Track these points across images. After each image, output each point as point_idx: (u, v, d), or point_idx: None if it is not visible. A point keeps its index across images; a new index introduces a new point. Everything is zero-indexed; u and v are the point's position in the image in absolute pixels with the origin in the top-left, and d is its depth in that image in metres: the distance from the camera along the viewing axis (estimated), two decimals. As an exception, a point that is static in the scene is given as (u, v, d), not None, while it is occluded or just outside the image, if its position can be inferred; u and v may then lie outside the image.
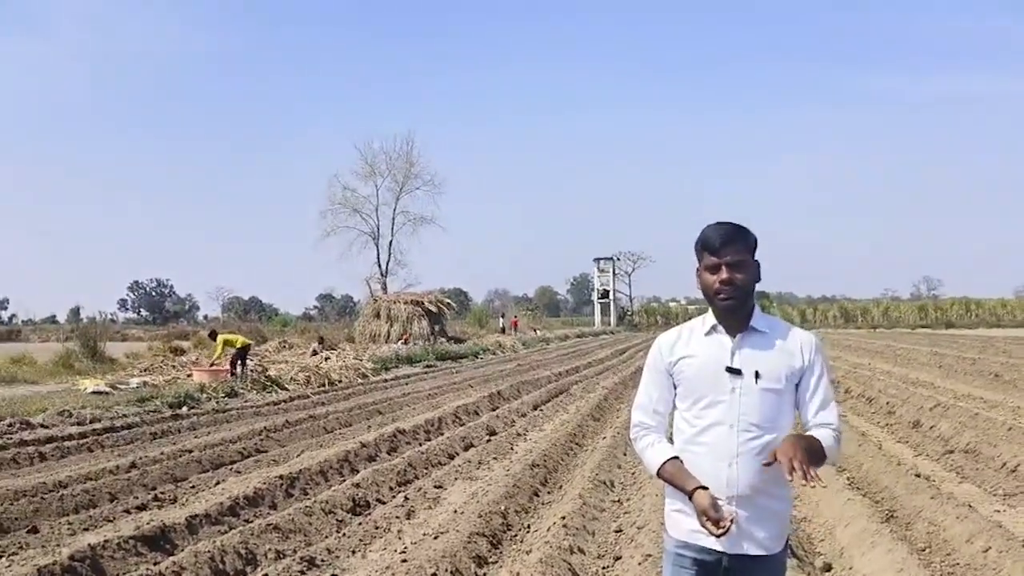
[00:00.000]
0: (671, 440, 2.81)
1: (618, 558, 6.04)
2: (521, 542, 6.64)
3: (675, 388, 2.81)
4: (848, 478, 8.19)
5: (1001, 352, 26.60)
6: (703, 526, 2.60)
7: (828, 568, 5.84)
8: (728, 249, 2.69)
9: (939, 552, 5.92)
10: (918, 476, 7.83)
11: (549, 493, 8.39)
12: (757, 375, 2.66)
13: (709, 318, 2.79)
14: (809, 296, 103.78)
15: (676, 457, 2.73)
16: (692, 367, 2.75)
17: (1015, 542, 5.52)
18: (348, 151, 69.42)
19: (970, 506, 6.64)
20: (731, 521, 2.56)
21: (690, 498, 2.64)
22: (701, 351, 2.76)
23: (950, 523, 6.32)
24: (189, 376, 20.70)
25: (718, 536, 2.57)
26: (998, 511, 6.96)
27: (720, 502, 2.61)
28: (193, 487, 8.45)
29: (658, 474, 2.76)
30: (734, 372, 2.68)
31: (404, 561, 5.89)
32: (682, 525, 2.75)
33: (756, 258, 2.77)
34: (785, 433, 2.65)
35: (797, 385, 2.71)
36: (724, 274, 2.68)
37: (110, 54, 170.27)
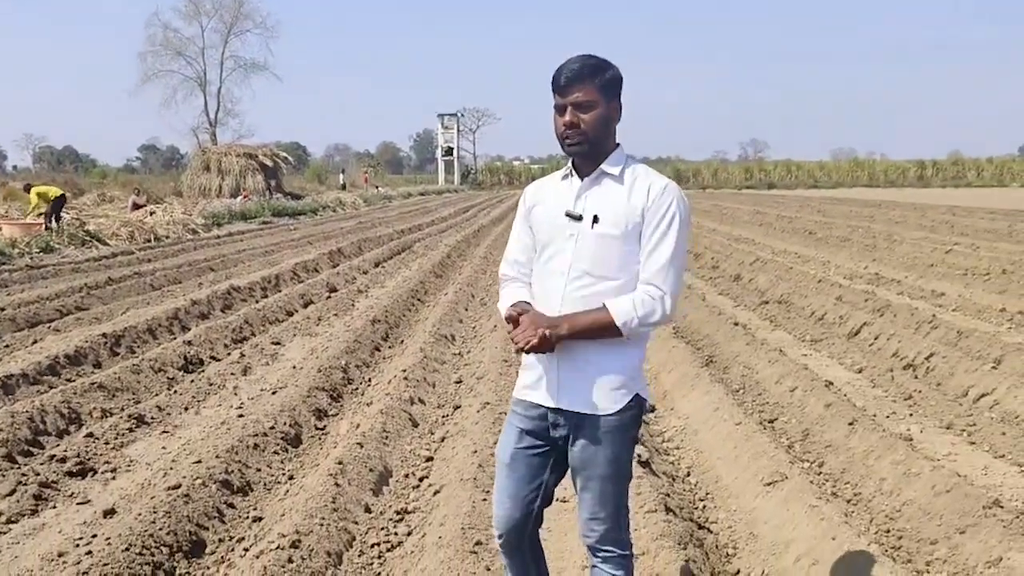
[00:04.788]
0: None
1: (457, 407, 6.18)
2: (362, 395, 6.66)
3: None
4: (674, 327, 8.66)
5: (816, 211, 28.56)
6: (511, 337, 2.50)
7: (652, 409, 6.22)
8: (574, 88, 2.44)
9: (751, 392, 6.43)
10: (736, 325, 8.39)
11: (390, 348, 8.42)
12: (595, 219, 2.49)
13: (569, 163, 2.61)
14: (646, 157, 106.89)
15: (524, 301, 2.61)
16: (541, 213, 2.63)
17: (818, 382, 6.06)
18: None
19: (781, 351, 7.21)
20: (536, 338, 2.41)
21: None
22: (551, 197, 2.62)
23: (763, 366, 6.85)
24: (-3, 231, 19.04)
25: (518, 346, 2.46)
26: (806, 355, 7.59)
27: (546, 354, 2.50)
28: (7, 346, 7.89)
29: (507, 320, 2.62)
30: (573, 217, 2.52)
31: (241, 416, 5.79)
32: (520, 381, 2.71)
33: (618, 97, 2.51)
34: (628, 284, 2.48)
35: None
36: (568, 116, 2.46)
37: None
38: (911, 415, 5.78)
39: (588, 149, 2.49)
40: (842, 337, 8.28)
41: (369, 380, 7.14)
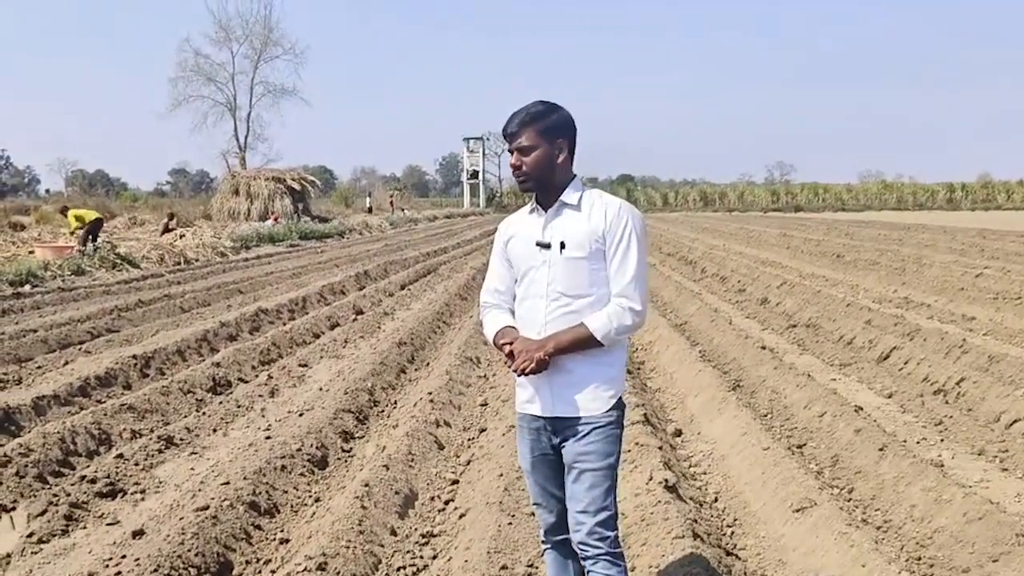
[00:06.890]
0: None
1: (483, 430, 6.18)
2: (388, 417, 6.69)
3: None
4: (700, 351, 8.62)
5: (844, 234, 28.29)
6: (508, 364, 2.81)
7: (679, 433, 6.18)
8: (517, 135, 2.80)
9: (779, 417, 6.36)
10: (763, 348, 8.32)
11: (416, 370, 8.45)
12: (563, 245, 2.80)
13: (533, 198, 2.94)
14: (672, 180, 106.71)
15: (510, 326, 2.91)
16: (516, 246, 2.93)
17: (848, 407, 5.99)
18: (200, 13, 64.69)
19: (809, 375, 7.14)
20: (533, 363, 2.73)
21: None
22: (523, 230, 2.93)
23: (791, 391, 6.79)
24: (31, 253, 19.39)
25: (517, 373, 2.77)
26: (834, 379, 7.51)
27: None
28: (39, 367, 8.01)
29: (495, 343, 2.93)
30: (543, 246, 2.83)
31: (268, 438, 5.83)
32: (519, 398, 2.98)
33: (562, 136, 2.81)
34: (601, 297, 2.78)
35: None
36: (512, 159, 2.83)
37: None
38: (942, 441, 5.70)
39: (533, 185, 2.85)
40: (871, 361, 8.19)
41: (395, 402, 7.16)
